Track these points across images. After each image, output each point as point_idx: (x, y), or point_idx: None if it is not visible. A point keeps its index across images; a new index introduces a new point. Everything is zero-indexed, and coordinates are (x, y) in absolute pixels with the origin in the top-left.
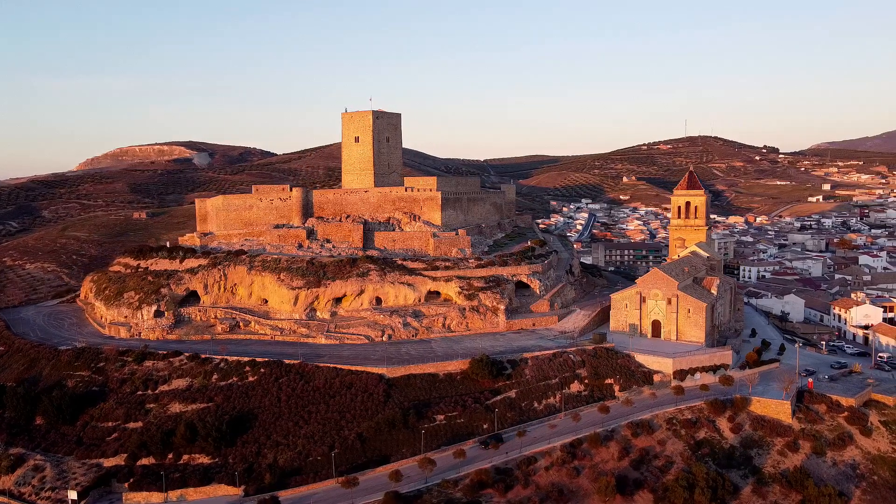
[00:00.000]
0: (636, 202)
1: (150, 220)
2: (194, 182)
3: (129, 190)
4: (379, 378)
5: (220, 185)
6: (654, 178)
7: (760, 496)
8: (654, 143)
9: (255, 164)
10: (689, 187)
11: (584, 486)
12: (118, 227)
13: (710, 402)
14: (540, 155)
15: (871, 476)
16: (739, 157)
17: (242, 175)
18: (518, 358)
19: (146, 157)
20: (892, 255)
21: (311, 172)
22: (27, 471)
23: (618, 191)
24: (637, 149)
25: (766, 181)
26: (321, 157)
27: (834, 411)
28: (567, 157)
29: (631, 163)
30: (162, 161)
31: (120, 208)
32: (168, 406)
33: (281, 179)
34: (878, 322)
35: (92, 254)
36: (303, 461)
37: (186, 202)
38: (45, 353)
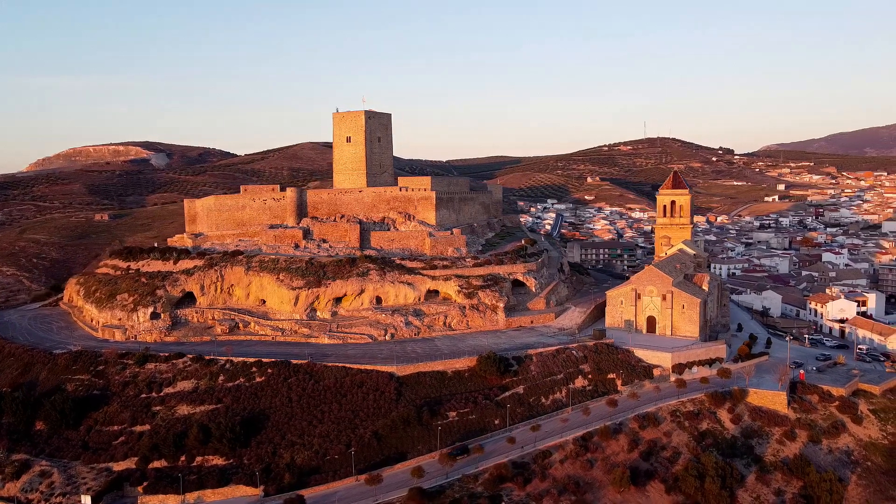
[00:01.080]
0: (601, 202)
1: (113, 222)
2: (154, 183)
3: (86, 191)
4: (389, 376)
5: (181, 186)
6: (615, 179)
7: (764, 483)
8: (614, 145)
9: (216, 164)
10: (674, 186)
11: (598, 477)
12: (79, 229)
13: (710, 395)
14: (502, 156)
15: (865, 462)
16: (697, 157)
17: (204, 176)
18: (523, 355)
19: (101, 157)
20: (852, 252)
21: (275, 173)
22: (33, 477)
23: (582, 191)
24: (598, 150)
25: (724, 181)
26: (284, 158)
27: (826, 401)
28: (529, 158)
29: (593, 163)
30: (118, 162)
31: (78, 210)
32: (175, 408)
33: (244, 180)
34: (852, 316)
35: (53, 257)
36: (320, 460)
37: (149, 204)
38: (39, 357)
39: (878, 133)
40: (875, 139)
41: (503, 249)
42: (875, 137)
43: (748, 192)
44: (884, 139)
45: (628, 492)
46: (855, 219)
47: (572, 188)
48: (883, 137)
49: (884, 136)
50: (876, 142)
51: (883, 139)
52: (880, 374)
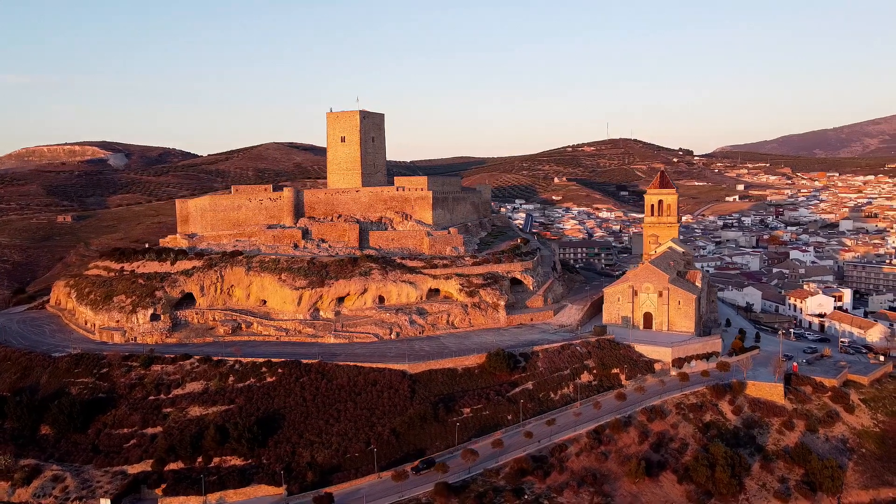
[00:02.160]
0: (568, 202)
1: (77, 224)
2: (115, 184)
3: (44, 192)
4: (402, 374)
5: (143, 187)
6: (580, 179)
7: (769, 471)
8: (578, 145)
9: (178, 165)
10: (661, 186)
11: (613, 469)
12: (42, 231)
13: (712, 388)
14: (467, 157)
15: (860, 449)
16: (659, 159)
17: (167, 177)
18: (529, 351)
19: (55, 157)
20: (818, 250)
21: (241, 174)
22: (45, 482)
23: (550, 191)
24: (563, 150)
25: (685, 182)
26: (249, 159)
27: (819, 391)
28: (494, 159)
29: (557, 164)
30: (74, 162)
31: (36, 211)
32: (187, 410)
33: (209, 181)
34: (830, 311)
35: (16, 260)
36: (341, 458)
37: (111, 205)
38: (38, 360)
39: (826, 135)
40: (824, 141)
41: (498, 248)
42: (824, 139)
43: (709, 192)
44: (832, 141)
45: (643, 483)
46: (813, 218)
47: (540, 188)
48: (831, 139)
49: (832, 138)
50: (824, 144)
51: (831, 141)
52: (866, 365)
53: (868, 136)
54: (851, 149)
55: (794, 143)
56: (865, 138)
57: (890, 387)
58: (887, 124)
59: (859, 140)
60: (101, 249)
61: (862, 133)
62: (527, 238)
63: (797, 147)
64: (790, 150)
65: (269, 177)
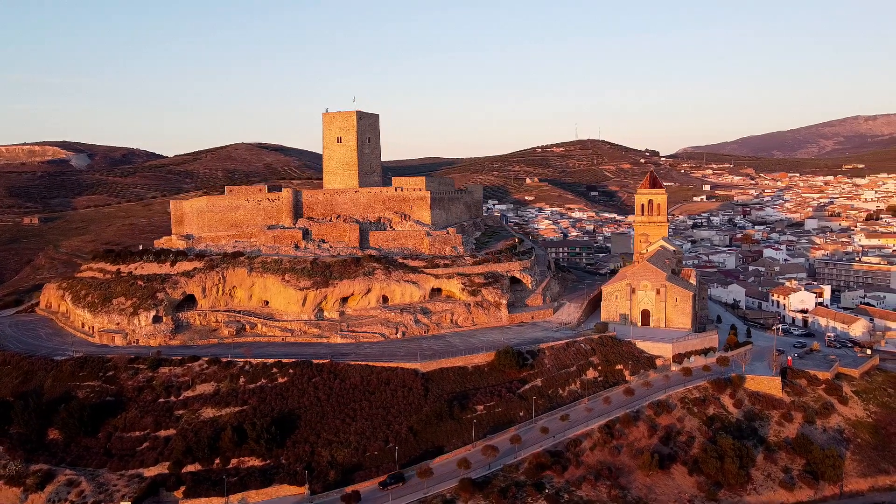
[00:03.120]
0: (541, 202)
1: (44, 226)
2: (80, 185)
3: (6, 193)
4: (414, 373)
5: (111, 187)
6: (551, 180)
7: (772, 462)
8: (547, 146)
9: (145, 165)
10: (651, 186)
11: (626, 463)
12: (7, 233)
13: (713, 382)
14: (437, 157)
15: (856, 439)
16: (626, 159)
17: (134, 178)
18: (536, 349)
19: (14, 157)
20: (789, 248)
21: (210, 175)
22: (59, 487)
23: (522, 192)
24: (532, 151)
25: None
26: (218, 159)
27: (814, 384)
28: (464, 160)
29: (527, 165)
30: (34, 162)
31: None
32: (199, 411)
33: (177, 182)
34: (811, 307)
35: None
36: (360, 457)
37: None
38: (40, 364)
39: (784, 136)
40: (781, 142)
41: (495, 248)
42: (781, 141)
43: (677, 192)
44: (789, 142)
45: (656, 475)
46: (779, 217)
47: (512, 189)
48: (788, 141)
49: (789, 139)
50: (782, 144)
51: (788, 142)
52: (854, 358)
53: (823, 138)
54: (808, 150)
55: (753, 144)
56: (821, 140)
57: (879, 378)
58: (841, 127)
59: (815, 142)
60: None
61: (818, 135)
62: (521, 237)
63: (756, 148)
64: (750, 151)
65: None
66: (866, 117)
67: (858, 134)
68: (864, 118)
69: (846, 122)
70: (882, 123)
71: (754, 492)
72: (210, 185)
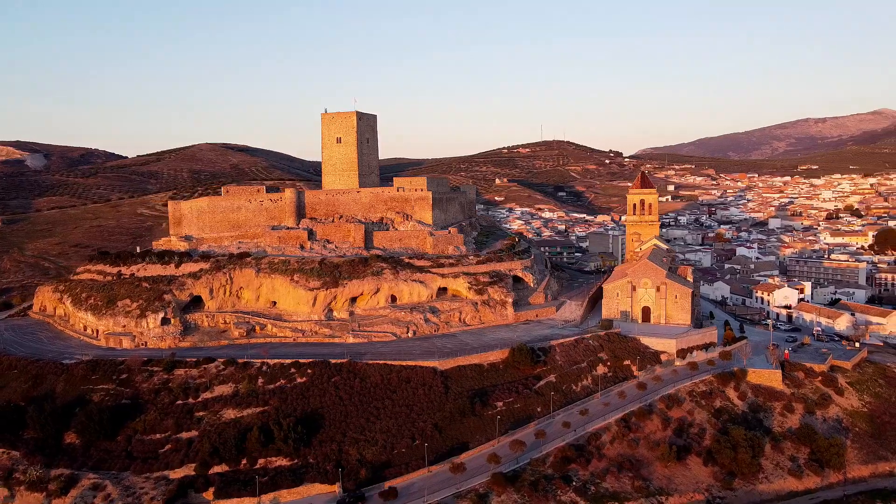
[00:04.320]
0: (511, 203)
1: (7, 228)
2: (40, 186)
3: None
4: (433, 371)
5: (72, 188)
6: (519, 180)
7: (779, 452)
8: (513, 147)
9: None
10: (642, 186)
11: (644, 455)
12: None
13: (717, 376)
14: (403, 158)
15: (854, 428)
16: (592, 160)
17: (96, 178)
18: (547, 346)
19: None
20: (760, 246)
21: (175, 176)
22: (83, 491)
23: (492, 192)
24: (499, 152)
25: (619, 183)
26: (182, 160)
27: (810, 376)
28: (430, 160)
29: (495, 165)
30: None
31: None
32: (221, 413)
33: (141, 183)
34: (794, 302)
35: None
36: (389, 454)
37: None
38: (49, 368)
39: (738, 138)
40: (737, 143)
41: (494, 247)
42: (736, 142)
43: None
44: (744, 143)
45: (673, 466)
46: (743, 216)
47: (481, 189)
48: (743, 142)
49: (743, 140)
50: (737, 146)
51: (743, 143)
52: (844, 351)
53: (776, 140)
54: (762, 151)
55: (709, 146)
56: (774, 141)
57: (869, 370)
58: (793, 129)
59: (768, 143)
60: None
61: (771, 137)
62: (517, 237)
63: (713, 149)
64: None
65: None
66: (816, 120)
67: (809, 136)
68: (814, 121)
69: (797, 125)
70: (831, 126)
71: (766, 480)
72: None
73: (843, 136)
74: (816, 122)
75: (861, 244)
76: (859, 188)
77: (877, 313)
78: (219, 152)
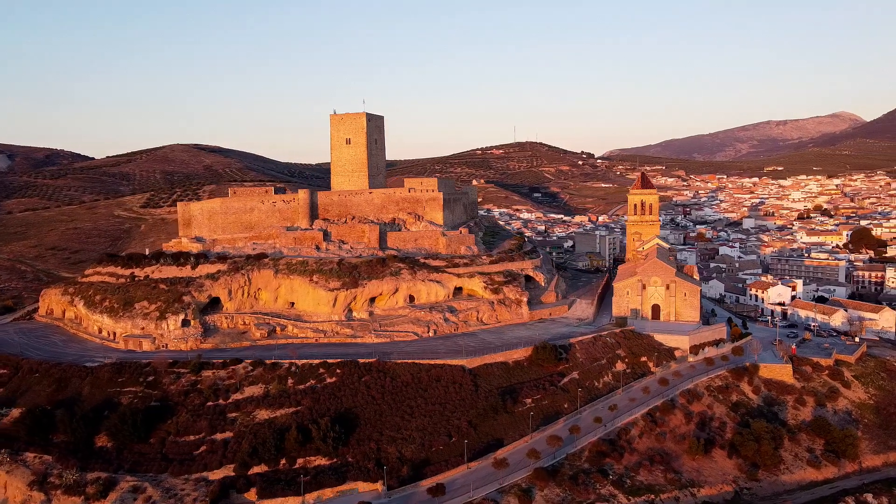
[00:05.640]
0: (489, 204)
1: None
2: (8, 187)
3: None
4: (462, 369)
5: (41, 190)
6: (493, 181)
7: (796, 443)
8: (487, 148)
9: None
10: (642, 187)
11: (672, 448)
12: None
13: (731, 371)
14: None
15: (863, 419)
16: (565, 161)
17: (66, 179)
18: (566, 343)
19: None
20: (742, 246)
21: (147, 177)
22: (123, 494)
23: None
24: (472, 153)
25: (592, 184)
26: (154, 161)
27: (818, 370)
28: (404, 161)
29: (469, 166)
30: None
31: None
32: (254, 413)
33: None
34: (788, 300)
35: None
36: (427, 451)
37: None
38: (73, 371)
39: (703, 140)
40: (701, 145)
41: (503, 247)
42: (701, 144)
43: (616, 193)
44: (708, 145)
45: (700, 458)
46: (718, 217)
47: None
48: (707, 144)
49: (708, 142)
50: (702, 147)
51: (707, 145)
52: (844, 346)
53: (739, 142)
54: (726, 153)
55: (675, 147)
56: (737, 143)
57: (871, 364)
58: (755, 131)
59: (732, 145)
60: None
61: (734, 138)
62: (522, 237)
63: (678, 151)
64: (672, 154)
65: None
66: (777, 122)
67: (770, 138)
68: (776, 123)
69: (759, 127)
70: (791, 128)
71: (787, 471)
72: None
73: (804, 138)
74: (778, 125)
75: (836, 243)
76: (826, 189)
77: (868, 309)
78: (191, 153)
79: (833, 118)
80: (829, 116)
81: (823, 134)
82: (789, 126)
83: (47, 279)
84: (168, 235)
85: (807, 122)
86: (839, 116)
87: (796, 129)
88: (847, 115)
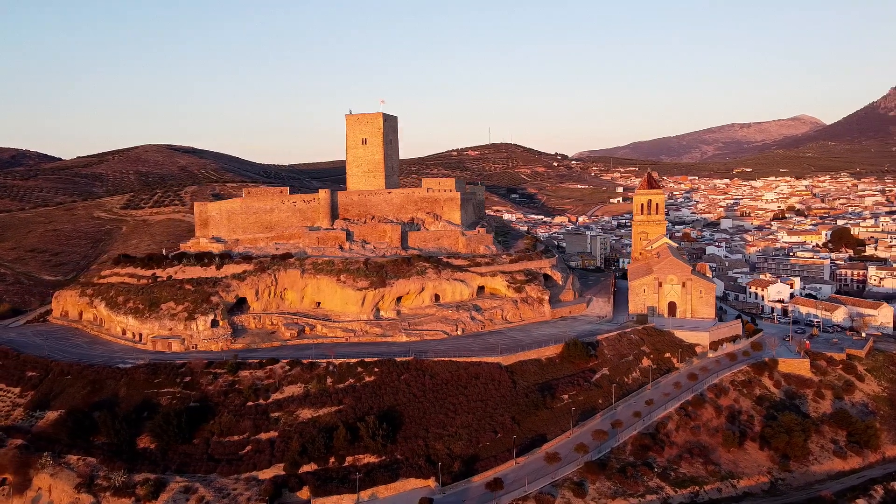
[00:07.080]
0: None
1: None
2: None
3: None
4: (498, 366)
5: (12, 191)
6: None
7: (821, 435)
8: (462, 149)
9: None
10: (649, 187)
11: (707, 441)
12: None
13: (752, 365)
14: None
15: (879, 411)
16: (540, 162)
17: (37, 181)
18: (594, 340)
19: None
20: (727, 245)
21: (121, 178)
22: (174, 494)
23: None
24: (448, 154)
25: (569, 185)
26: (127, 161)
27: (832, 365)
28: None
29: (445, 168)
30: None
31: None
32: (297, 413)
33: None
34: (787, 297)
35: None
36: (475, 447)
37: None
38: (107, 373)
39: (670, 142)
40: (668, 147)
41: (518, 247)
42: (668, 146)
43: (592, 194)
44: (675, 147)
45: (735, 451)
46: (695, 217)
47: None
48: (674, 146)
49: (674, 144)
50: (669, 149)
51: (674, 147)
52: (851, 341)
53: (705, 144)
54: (692, 155)
55: (643, 149)
56: (703, 145)
57: (880, 358)
58: (720, 133)
59: (698, 147)
60: None
61: (700, 141)
62: (534, 237)
63: (646, 152)
64: (640, 155)
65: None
66: (742, 125)
67: (735, 140)
68: (740, 126)
69: (724, 129)
70: (755, 131)
71: (816, 462)
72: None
73: (767, 140)
74: (742, 127)
75: (816, 242)
76: (796, 190)
77: (867, 305)
78: (165, 154)
79: (794, 121)
80: (790, 119)
81: (786, 136)
82: (753, 129)
83: (28, 282)
84: (151, 237)
85: (770, 125)
86: (800, 119)
87: (760, 132)
88: (808, 118)
